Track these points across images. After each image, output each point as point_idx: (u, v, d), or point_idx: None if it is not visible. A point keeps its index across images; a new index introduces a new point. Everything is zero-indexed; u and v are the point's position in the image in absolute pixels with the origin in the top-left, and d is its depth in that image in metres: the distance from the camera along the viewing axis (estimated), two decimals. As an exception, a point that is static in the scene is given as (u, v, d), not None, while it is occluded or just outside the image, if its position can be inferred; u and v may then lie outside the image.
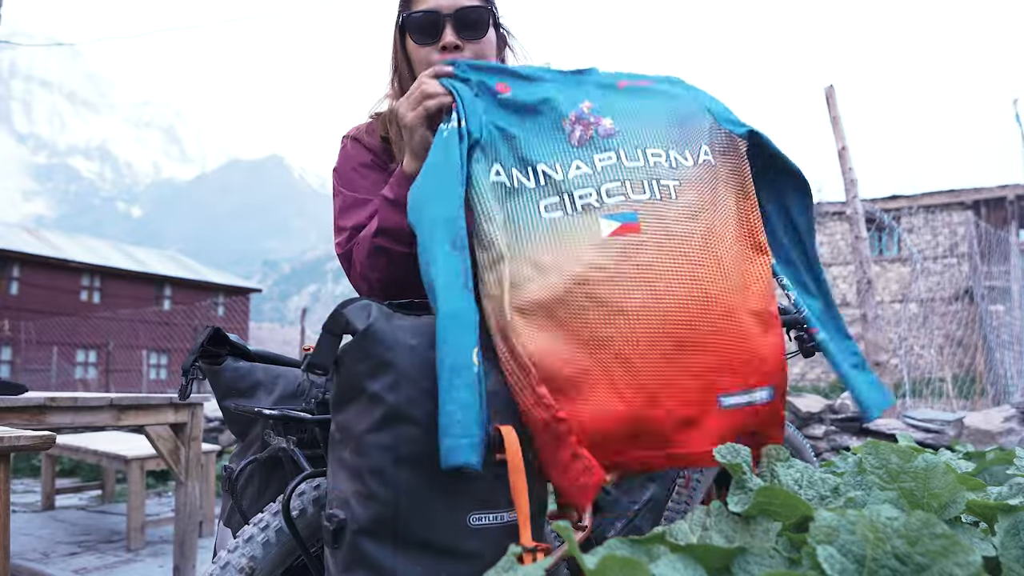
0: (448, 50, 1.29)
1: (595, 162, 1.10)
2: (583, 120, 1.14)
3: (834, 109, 4.60)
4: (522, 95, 1.15)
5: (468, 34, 1.30)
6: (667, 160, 1.11)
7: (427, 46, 1.31)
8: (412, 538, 0.93)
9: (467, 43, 1.30)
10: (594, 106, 1.15)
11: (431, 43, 1.30)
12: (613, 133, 1.13)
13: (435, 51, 1.30)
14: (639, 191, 1.08)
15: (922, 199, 17.60)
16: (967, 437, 3.70)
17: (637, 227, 1.05)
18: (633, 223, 1.06)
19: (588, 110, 1.14)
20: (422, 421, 0.94)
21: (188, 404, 2.99)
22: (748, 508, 0.88)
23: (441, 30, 1.29)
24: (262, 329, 39.62)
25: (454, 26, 1.29)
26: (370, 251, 1.21)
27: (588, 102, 1.15)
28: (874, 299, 4.45)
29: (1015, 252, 8.55)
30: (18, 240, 25.06)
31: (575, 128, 1.13)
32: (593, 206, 1.07)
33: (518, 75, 1.18)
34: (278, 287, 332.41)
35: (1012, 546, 0.80)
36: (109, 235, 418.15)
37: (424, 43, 1.31)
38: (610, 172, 1.09)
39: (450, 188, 1.04)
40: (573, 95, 1.16)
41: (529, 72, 1.19)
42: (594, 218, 1.06)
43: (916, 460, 0.97)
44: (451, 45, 1.29)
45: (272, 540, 1.10)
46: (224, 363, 1.35)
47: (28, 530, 4.17)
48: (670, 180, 1.10)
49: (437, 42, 1.30)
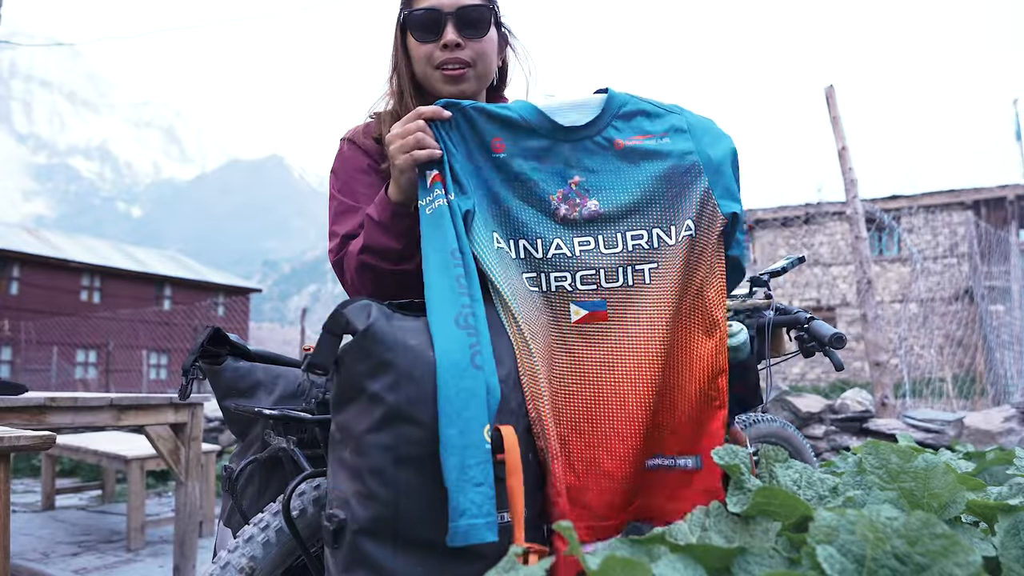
0: (449, 48, 1.29)
1: (575, 245, 1.14)
2: (570, 199, 1.15)
3: (834, 109, 4.60)
4: (516, 160, 1.15)
5: (469, 32, 1.30)
6: (648, 241, 1.14)
7: (428, 44, 1.31)
8: (412, 538, 0.93)
9: (468, 41, 1.30)
10: (582, 181, 1.16)
11: (432, 40, 1.31)
12: (597, 216, 1.15)
13: (436, 49, 1.30)
14: (612, 279, 1.13)
15: (922, 199, 17.59)
16: (967, 437, 3.70)
17: (604, 315, 1.12)
18: (601, 311, 1.12)
19: (576, 187, 1.16)
20: (422, 421, 0.95)
21: (188, 404, 2.99)
22: (747, 508, 0.88)
23: (442, 28, 1.29)
24: (262, 329, 39.61)
25: (455, 24, 1.29)
26: (357, 266, 1.23)
27: (578, 177, 1.16)
28: (874, 299, 4.45)
29: (1015, 252, 8.55)
30: (18, 240, 25.05)
31: (560, 206, 1.15)
32: (566, 290, 1.12)
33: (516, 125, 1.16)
34: (278, 287, 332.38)
35: (1012, 546, 0.80)
36: (109, 235, 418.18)
37: (425, 40, 1.31)
38: (587, 258, 1.13)
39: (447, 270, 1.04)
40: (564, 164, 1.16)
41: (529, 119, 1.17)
42: (565, 302, 1.12)
43: (916, 460, 0.97)
44: (452, 43, 1.29)
45: (272, 540, 1.10)
46: (224, 363, 1.35)
47: (28, 530, 4.17)
48: (646, 264, 1.14)
49: (438, 40, 1.30)
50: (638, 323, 1.11)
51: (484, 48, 1.32)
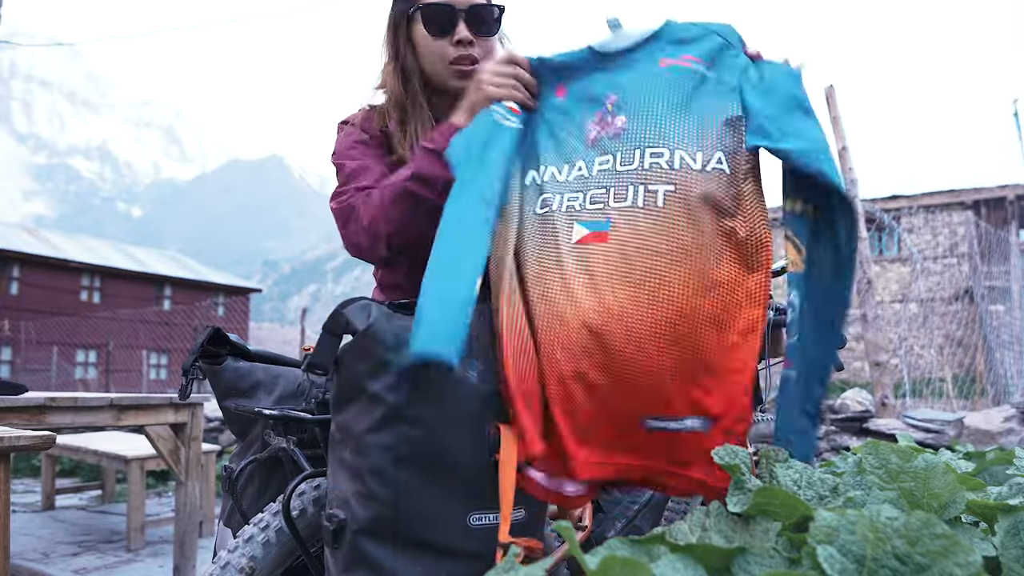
0: (463, 44, 1.32)
1: (594, 164, 1.10)
2: (605, 120, 1.13)
3: (834, 109, 4.60)
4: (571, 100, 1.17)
5: (480, 31, 1.33)
6: (669, 161, 1.04)
7: (441, 39, 1.33)
8: (412, 538, 0.93)
9: (479, 39, 1.33)
10: (618, 99, 1.13)
11: (445, 35, 1.33)
12: (620, 133, 1.09)
13: (449, 45, 1.33)
14: (621, 198, 1.04)
15: (922, 199, 17.60)
16: (967, 437, 3.70)
17: (605, 236, 1.03)
18: (602, 232, 1.03)
19: (612, 106, 1.13)
20: (422, 421, 0.95)
21: (188, 404, 2.99)
22: (747, 508, 0.88)
23: (455, 24, 1.32)
24: (262, 329, 39.61)
25: (467, 22, 1.32)
26: (396, 195, 1.20)
27: (613, 96, 1.13)
28: (874, 299, 4.45)
29: (1015, 252, 8.55)
30: (18, 240, 25.05)
31: (594, 128, 1.13)
32: (575, 209, 1.07)
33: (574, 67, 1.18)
34: (278, 287, 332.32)
35: (1012, 546, 0.80)
36: (109, 235, 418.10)
37: (438, 35, 1.33)
38: (601, 177, 1.08)
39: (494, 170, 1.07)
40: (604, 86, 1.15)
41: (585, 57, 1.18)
42: (571, 222, 1.07)
43: (916, 460, 0.97)
44: (466, 40, 1.32)
45: (272, 540, 1.10)
46: (224, 363, 1.35)
47: (28, 530, 4.17)
48: (662, 185, 1.03)
49: (451, 36, 1.32)
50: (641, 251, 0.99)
51: (492, 47, 1.36)
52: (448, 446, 0.95)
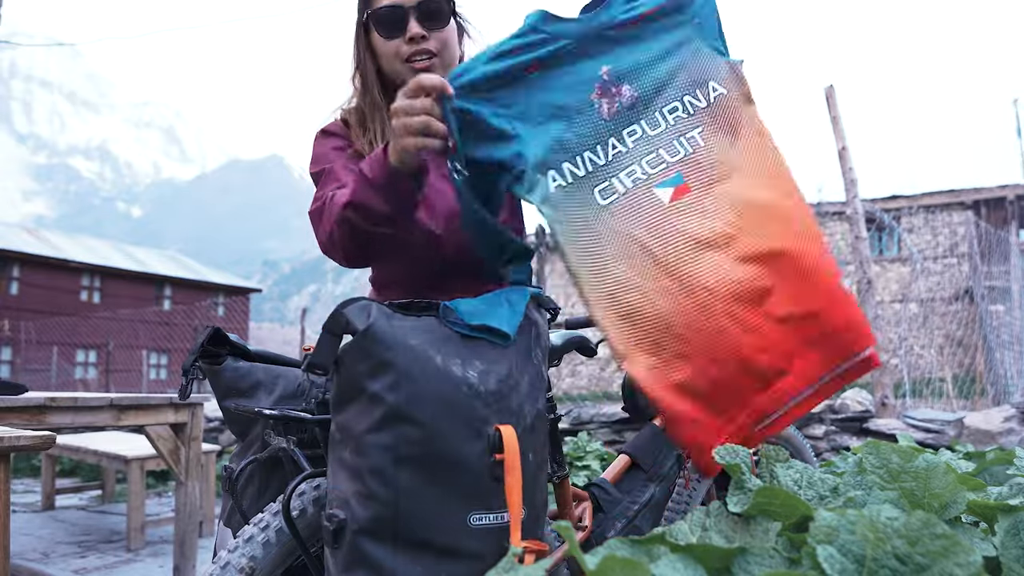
0: (415, 41, 1.33)
1: (625, 139, 1.15)
2: (608, 92, 1.16)
3: (834, 109, 4.59)
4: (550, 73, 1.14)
5: (432, 24, 1.35)
6: (684, 110, 1.16)
7: (394, 39, 1.35)
8: (412, 538, 0.93)
9: (432, 33, 1.35)
10: (611, 68, 1.17)
11: (397, 36, 1.34)
12: (635, 101, 1.16)
13: (403, 43, 1.34)
14: (674, 152, 1.14)
15: (922, 199, 17.58)
16: (967, 437, 3.70)
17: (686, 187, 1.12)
18: (681, 184, 1.12)
19: (607, 76, 1.17)
20: (422, 421, 0.95)
21: (188, 404, 2.99)
22: (748, 508, 0.88)
23: (406, 22, 1.33)
24: (262, 329, 39.61)
25: (417, 18, 1.33)
26: (337, 219, 1.20)
27: (605, 66, 1.17)
28: (874, 299, 4.45)
29: (1015, 252, 8.55)
30: (18, 240, 25.04)
31: (601, 103, 1.16)
32: (643, 179, 1.12)
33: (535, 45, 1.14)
34: (278, 287, 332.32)
35: (1012, 546, 0.80)
36: (109, 235, 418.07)
37: (391, 36, 1.35)
38: (640, 146, 1.14)
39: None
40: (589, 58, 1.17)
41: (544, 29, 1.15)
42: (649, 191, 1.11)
43: (916, 460, 0.97)
44: (418, 36, 1.33)
45: (272, 540, 1.10)
46: (224, 363, 1.35)
47: (28, 530, 4.17)
48: (694, 129, 1.15)
49: (403, 34, 1.34)
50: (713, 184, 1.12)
51: (447, 37, 1.37)
52: (448, 446, 0.95)
